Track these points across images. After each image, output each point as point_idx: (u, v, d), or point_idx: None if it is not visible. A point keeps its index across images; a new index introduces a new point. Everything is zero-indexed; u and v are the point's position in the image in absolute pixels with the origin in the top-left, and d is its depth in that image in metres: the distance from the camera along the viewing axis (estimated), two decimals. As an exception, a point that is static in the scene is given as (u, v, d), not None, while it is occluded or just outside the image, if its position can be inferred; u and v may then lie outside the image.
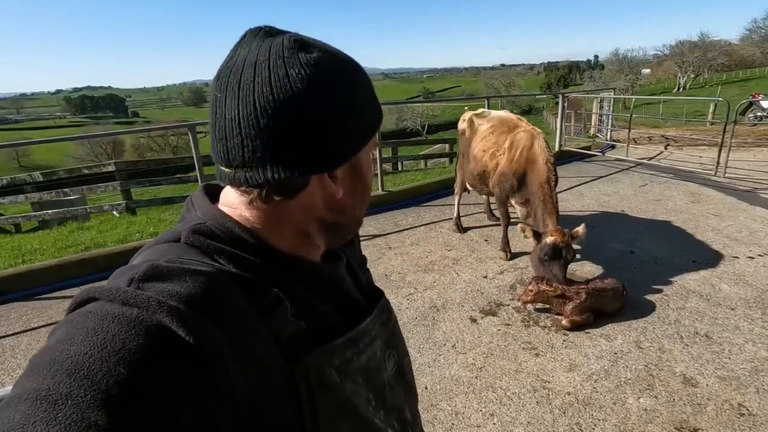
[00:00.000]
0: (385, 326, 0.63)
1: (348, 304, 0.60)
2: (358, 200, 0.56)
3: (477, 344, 2.71)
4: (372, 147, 0.56)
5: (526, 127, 3.79)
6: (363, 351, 0.56)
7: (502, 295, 3.27)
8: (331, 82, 0.47)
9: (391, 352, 0.63)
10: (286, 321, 0.47)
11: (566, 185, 6.04)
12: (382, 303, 0.65)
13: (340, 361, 0.52)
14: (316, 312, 0.52)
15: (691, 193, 5.50)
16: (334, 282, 0.59)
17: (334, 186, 0.51)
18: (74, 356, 0.34)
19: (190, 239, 0.48)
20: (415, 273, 3.68)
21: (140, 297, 0.39)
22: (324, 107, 0.47)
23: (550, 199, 3.32)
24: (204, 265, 0.45)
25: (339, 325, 0.54)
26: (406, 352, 0.70)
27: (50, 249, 4.32)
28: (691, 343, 2.61)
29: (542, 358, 2.55)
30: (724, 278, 3.33)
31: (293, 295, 0.50)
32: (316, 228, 0.54)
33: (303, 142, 0.46)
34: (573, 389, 2.29)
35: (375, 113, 0.54)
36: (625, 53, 47.16)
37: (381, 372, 0.60)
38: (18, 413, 0.32)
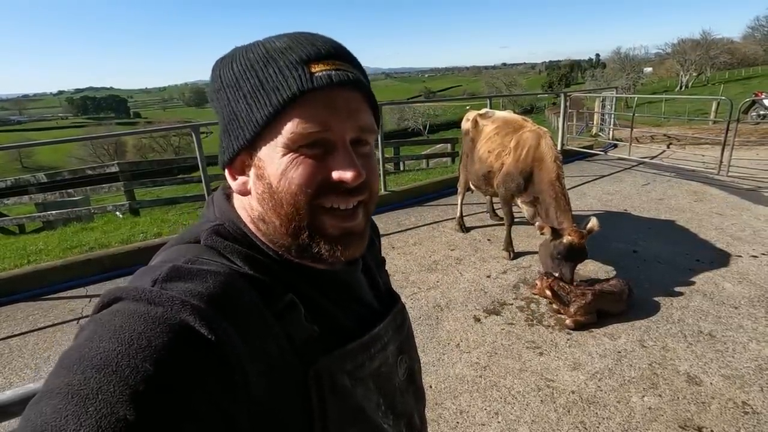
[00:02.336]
0: (398, 331, 0.62)
1: (362, 308, 0.59)
2: (266, 202, 0.49)
3: (481, 343, 2.72)
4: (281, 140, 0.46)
5: (532, 126, 3.80)
6: (375, 356, 0.56)
7: (505, 294, 3.28)
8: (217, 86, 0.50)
9: (403, 358, 0.63)
10: (300, 325, 0.47)
11: (569, 184, 5.98)
12: (397, 308, 0.64)
13: (352, 366, 0.51)
14: (329, 316, 0.52)
15: (693, 192, 5.50)
16: (348, 286, 0.58)
17: (237, 183, 0.52)
18: (103, 353, 0.35)
19: (209, 241, 0.49)
20: (418, 273, 3.69)
21: (164, 296, 0.40)
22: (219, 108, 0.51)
23: (563, 196, 3.32)
24: (222, 266, 0.46)
25: (352, 329, 0.54)
26: (417, 358, 0.69)
27: (55, 249, 4.34)
28: (695, 341, 2.61)
29: (546, 357, 2.56)
30: (728, 277, 3.33)
31: (307, 298, 0.50)
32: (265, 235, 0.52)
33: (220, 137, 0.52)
34: (577, 388, 2.30)
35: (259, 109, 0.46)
36: (627, 52, 47.03)
37: (392, 377, 0.60)
38: (49, 407, 0.33)
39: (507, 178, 3.71)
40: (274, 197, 0.47)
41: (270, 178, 0.47)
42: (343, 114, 0.47)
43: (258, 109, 0.46)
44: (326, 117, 0.46)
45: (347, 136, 0.47)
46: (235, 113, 0.47)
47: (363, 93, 0.49)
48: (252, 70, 0.46)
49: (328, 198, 0.48)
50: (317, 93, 0.45)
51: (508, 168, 3.71)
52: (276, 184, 0.47)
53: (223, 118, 0.49)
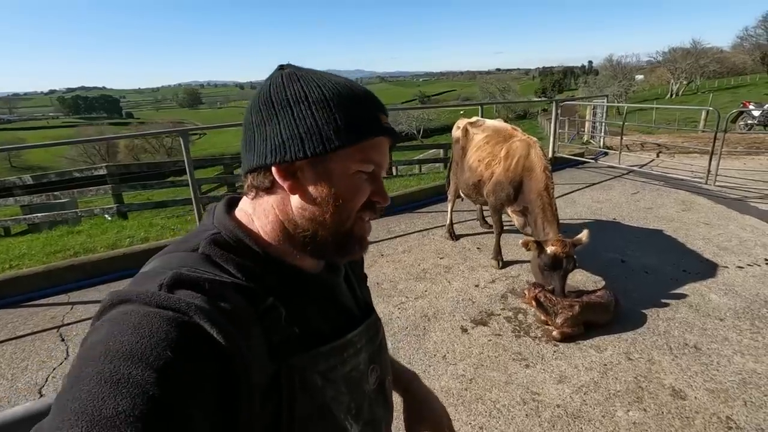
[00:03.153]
0: (371, 341, 0.67)
1: (341, 313, 0.65)
2: (324, 209, 0.57)
3: (467, 355, 2.70)
4: (354, 165, 0.57)
5: (522, 136, 3.80)
6: (347, 361, 0.60)
7: (493, 304, 3.27)
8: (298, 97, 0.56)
9: (374, 367, 0.67)
10: (278, 326, 0.52)
11: (559, 192, 6.05)
12: (371, 319, 0.69)
13: (324, 367, 0.56)
14: (309, 319, 0.58)
15: (682, 201, 5.54)
16: (330, 292, 0.65)
17: (290, 183, 0.56)
18: (128, 345, 0.41)
19: (207, 250, 0.55)
20: (406, 281, 3.67)
21: (172, 300, 0.45)
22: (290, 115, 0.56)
23: (550, 206, 3.32)
24: (216, 275, 0.51)
25: (329, 333, 0.59)
26: (389, 370, 0.74)
27: (39, 254, 4.26)
28: (680, 354, 2.61)
29: (532, 369, 2.55)
30: (714, 288, 3.35)
31: (289, 301, 0.55)
32: (297, 232, 0.58)
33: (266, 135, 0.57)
34: (562, 402, 2.29)
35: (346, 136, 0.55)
36: (619, 59, 47.58)
37: (363, 384, 0.64)
38: (83, 392, 0.38)
39: (497, 187, 3.71)
40: (339, 202, 0.57)
41: (338, 188, 0.57)
42: (385, 155, 0.61)
43: (347, 135, 0.55)
44: (381, 156, 0.60)
45: (383, 172, 0.63)
46: (318, 127, 0.55)
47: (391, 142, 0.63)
48: (347, 104, 0.56)
49: (366, 212, 0.61)
50: (382, 138, 0.59)
51: (498, 177, 3.71)
52: (343, 193, 0.57)
53: (297, 126, 0.55)
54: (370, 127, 0.57)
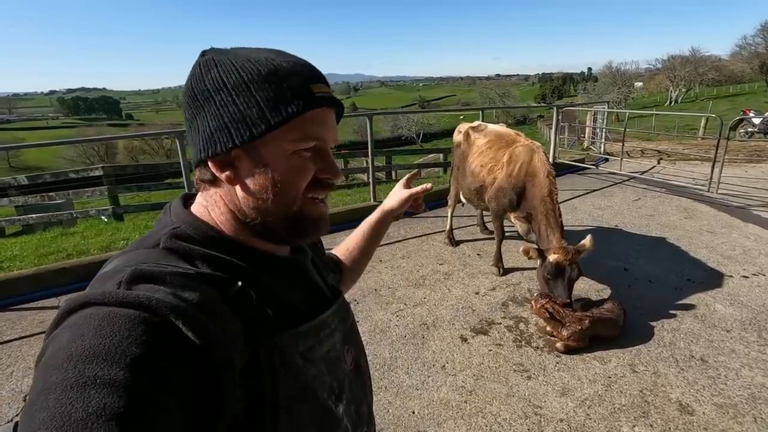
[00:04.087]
0: (343, 321, 0.68)
1: (313, 294, 0.65)
2: (266, 196, 0.56)
3: (467, 365, 2.62)
4: (290, 145, 0.55)
5: (525, 141, 3.74)
6: (324, 341, 0.60)
7: (493, 312, 3.19)
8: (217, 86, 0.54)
9: (348, 348, 0.68)
10: (251, 309, 0.51)
11: (560, 198, 5.94)
12: (341, 299, 0.70)
13: (303, 347, 0.56)
14: (283, 300, 0.57)
15: (684, 209, 5.48)
16: (300, 272, 0.65)
17: (227, 174, 0.55)
18: (90, 347, 0.39)
19: (169, 243, 0.53)
20: (405, 288, 3.59)
21: (132, 297, 0.43)
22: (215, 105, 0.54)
23: (553, 212, 3.25)
24: (180, 267, 0.49)
25: (304, 313, 0.59)
26: (363, 351, 0.75)
27: (30, 256, 4.18)
28: (686, 367, 2.54)
29: (534, 381, 2.47)
30: (719, 298, 3.28)
31: (261, 284, 0.55)
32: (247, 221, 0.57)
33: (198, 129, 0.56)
34: (566, 416, 2.21)
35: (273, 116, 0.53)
36: (618, 66, 47.77)
37: (341, 364, 0.64)
38: (51, 401, 0.36)
39: (499, 193, 3.64)
40: (277, 187, 0.55)
41: (275, 172, 0.55)
42: (329, 127, 0.59)
43: (273, 115, 0.52)
44: (321, 130, 0.57)
45: (330, 145, 0.60)
46: (242, 114, 0.52)
47: (336, 112, 0.61)
48: (266, 82, 0.53)
49: (315, 191, 0.59)
50: (317, 110, 0.56)
51: (500, 183, 3.65)
52: (282, 177, 0.55)
53: (222, 115, 0.53)
54: (298, 102, 0.54)
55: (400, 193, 1.02)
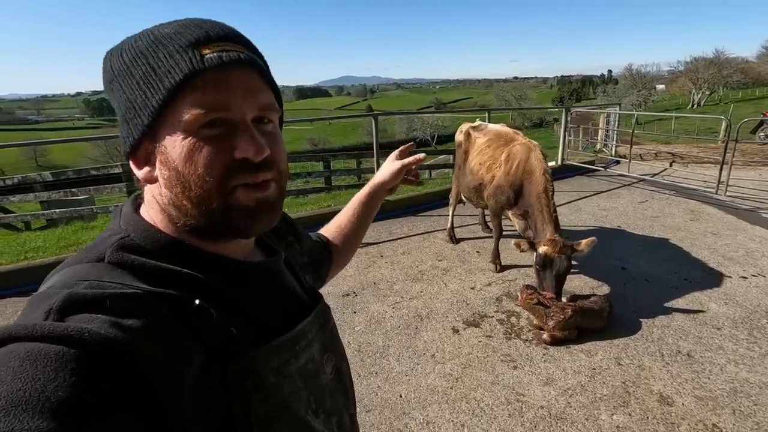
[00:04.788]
0: (322, 329, 0.63)
1: (290, 300, 0.59)
2: (178, 192, 0.48)
3: (456, 355, 2.72)
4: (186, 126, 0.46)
5: (523, 140, 3.82)
6: (301, 353, 0.55)
7: (487, 306, 3.27)
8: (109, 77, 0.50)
9: (329, 356, 0.63)
10: (211, 328, 0.45)
11: (565, 199, 6.02)
12: (320, 306, 0.64)
13: (277, 363, 0.51)
14: (250, 312, 0.52)
15: (691, 211, 5.45)
16: (271, 278, 0.58)
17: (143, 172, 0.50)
18: (8, 394, 0.33)
19: (114, 257, 0.46)
20: (403, 282, 3.70)
21: (60, 330, 0.36)
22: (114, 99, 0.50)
23: (548, 208, 3.32)
24: (126, 287, 0.43)
25: (277, 325, 0.53)
26: (344, 357, 0.70)
27: (52, 247, 4.44)
28: (672, 361, 2.58)
29: (520, 371, 2.55)
30: (714, 297, 3.29)
31: (222, 297, 0.49)
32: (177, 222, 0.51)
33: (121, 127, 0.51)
34: (547, 403, 2.28)
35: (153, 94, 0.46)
36: (639, 69, 46.91)
37: (320, 375, 0.59)
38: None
39: (497, 190, 3.73)
40: (182, 181, 0.47)
41: (175, 162, 0.47)
42: (239, 93, 0.47)
43: (152, 94, 0.45)
44: (222, 97, 0.46)
45: (248, 115, 0.48)
46: (130, 101, 0.47)
47: (259, 73, 0.50)
48: (142, 57, 0.46)
49: (238, 177, 0.48)
50: (210, 74, 0.45)
51: (498, 181, 3.73)
52: (182, 167, 0.46)
53: (120, 108, 0.49)
54: (177, 70, 0.45)
55: (393, 165, 0.95)
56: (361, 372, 2.58)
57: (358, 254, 4.29)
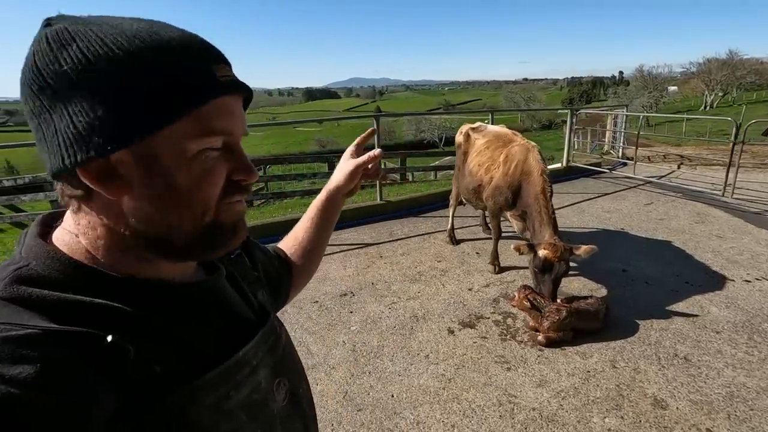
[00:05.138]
0: (271, 352, 0.57)
1: (231, 326, 0.53)
2: (169, 209, 0.44)
3: (450, 355, 2.72)
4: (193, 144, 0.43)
5: (521, 141, 3.81)
6: (243, 384, 0.50)
7: (483, 308, 3.26)
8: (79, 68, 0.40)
9: (281, 381, 0.57)
10: (128, 368, 0.40)
11: (569, 201, 5.98)
12: (266, 327, 0.58)
13: (214, 399, 0.45)
14: (180, 342, 0.46)
15: (697, 214, 5.37)
16: (210, 300, 0.53)
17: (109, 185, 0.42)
18: None
19: (8, 292, 0.39)
20: (401, 282, 3.70)
21: None
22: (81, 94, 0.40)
23: (546, 209, 3.30)
24: (18, 327, 0.36)
25: (213, 353, 0.48)
26: (302, 378, 0.64)
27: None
28: (668, 365, 2.55)
29: (513, 372, 2.54)
30: (715, 301, 3.24)
31: (147, 328, 0.44)
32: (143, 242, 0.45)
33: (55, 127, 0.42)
34: (539, 405, 2.27)
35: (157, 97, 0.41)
36: (650, 70, 46.35)
37: (269, 404, 0.54)
38: None
39: (495, 191, 3.72)
40: (183, 197, 0.44)
41: (178, 179, 0.43)
42: (239, 119, 0.48)
43: (165, 107, 0.41)
44: (229, 122, 0.46)
45: (240, 138, 0.49)
46: (124, 105, 0.40)
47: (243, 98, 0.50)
48: (154, 62, 0.41)
49: (230, 196, 0.48)
50: (225, 99, 0.45)
51: (496, 182, 3.72)
52: (187, 184, 0.44)
53: (94, 108, 0.39)
54: (198, 88, 0.43)
55: (346, 165, 0.86)
56: (355, 372, 2.59)
57: (358, 254, 4.31)
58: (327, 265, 4.08)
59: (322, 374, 2.57)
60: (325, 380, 2.52)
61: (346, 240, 4.68)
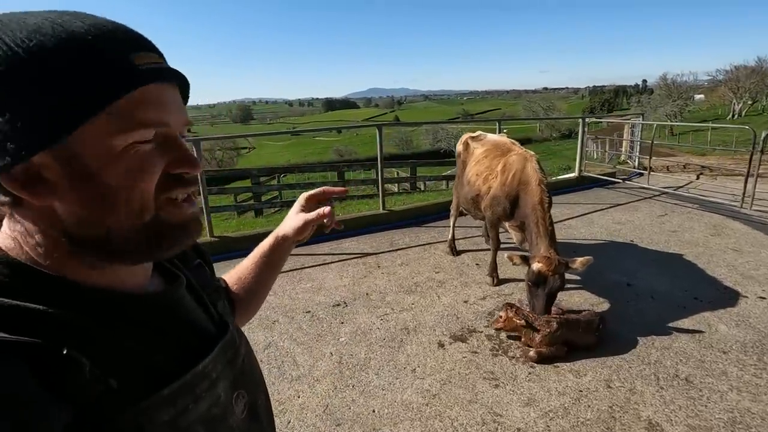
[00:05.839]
0: (231, 365, 0.56)
1: (190, 338, 0.51)
2: (102, 209, 0.42)
3: (438, 370, 2.63)
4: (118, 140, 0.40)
5: (519, 150, 3.73)
6: (202, 397, 0.48)
7: (477, 321, 3.17)
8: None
9: (239, 394, 0.56)
10: (82, 382, 0.38)
11: (578, 212, 5.82)
12: (225, 339, 0.56)
13: (172, 414, 0.44)
14: (137, 356, 0.44)
15: (713, 226, 5.14)
16: (167, 311, 0.51)
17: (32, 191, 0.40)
18: None
19: None
20: (396, 293, 3.64)
21: None
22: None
23: (543, 221, 3.20)
24: None
25: (171, 367, 0.46)
26: (260, 389, 0.62)
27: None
28: (667, 386, 2.41)
29: (501, 389, 2.44)
30: (725, 318, 3.07)
31: (99, 341, 0.41)
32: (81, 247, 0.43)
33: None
34: (524, 425, 2.17)
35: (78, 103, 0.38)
36: (674, 78, 45.21)
37: (227, 418, 0.52)
38: None
39: (493, 201, 3.64)
40: (114, 195, 0.41)
41: (106, 178, 0.41)
42: (169, 107, 0.44)
43: (77, 103, 0.38)
44: (159, 112, 0.43)
45: (179, 131, 0.46)
46: (33, 106, 0.37)
47: (180, 87, 0.48)
48: (63, 55, 0.38)
49: (172, 191, 0.46)
50: (150, 88, 0.42)
51: (494, 191, 3.64)
52: (116, 182, 0.41)
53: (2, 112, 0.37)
54: (113, 80, 0.39)
55: (296, 219, 0.82)
56: (338, 384, 2.54)
57: (356, 264, 4.27)
58: (323, 274, 4.05)
59: (305, 386, 2.53)
60: (308, 392, 2.48)
61: (345, 249, 4.65)
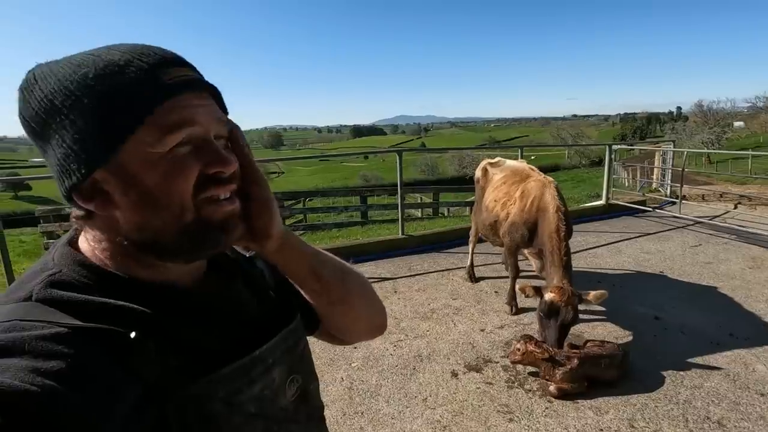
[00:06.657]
0: (290, 352, 0.60)
1: (241, 327, 0.56)
2: (148, 213, 0.47)
3: (450, 400, 2.55)
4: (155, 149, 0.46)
5: (538, 176, 3.68)
6: (256, 380, 0.53)
7: (493, 351, 3.07)
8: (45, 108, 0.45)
9: (294, 378, 0.60)
10: (150, 361, 0.44)
11: (605, 240, 5.63)
12: (289, 328, 0.61)
13: (226, 392, 0.49)
14: (194, 341, 0.50)
15: (752, 258, 4.85)
16: (220, 304, 0.56)
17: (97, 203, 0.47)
18: None
19: (42, 294, 0.45)
20: (411, 319, 3.59)
21: None
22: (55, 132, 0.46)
23: (558, 250, 3.12)
24: (51, 326, 0.41)
25: (226, 352, 0.51)
26: (313, 376, 0.66)
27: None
28: (696, 428, 2.24)
29: (515, 424, 2.33)
30: (763, 358, 2.85)
31: (162, 329, 0.47)
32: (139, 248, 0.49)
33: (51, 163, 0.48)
34: (538, 464, 2.06)
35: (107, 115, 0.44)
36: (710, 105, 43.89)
37: (278, 399, 0.57)
38: None
39: (511, 227, 3.58)
40: (156, 198, 0.47)
41: (147, 183, 0.46)
42: (198, 111, 0.49)
43: (115, 123, 0.44)
44: (190, 116, 0.47)
45: (212, 133, 0.50)
46: (83, 131, 0.44)
47: (213, 96, 0.53)
48: (98, 84, 0.44)
49: (208, 190, 0.49)
50: (179, 98, 0.47)
51: (513, 218, 3.59)
52: (156, 186, 0.46)
53: (63, 139, 0.45)
54: (143, 97, 0.45)
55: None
56: (347, 411, 2.49)
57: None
58: (340, 298, 4.04)
59: (313, 411, 2.49)
60: (316, 418, 2.44)
61: (362, 273, 4.64)
